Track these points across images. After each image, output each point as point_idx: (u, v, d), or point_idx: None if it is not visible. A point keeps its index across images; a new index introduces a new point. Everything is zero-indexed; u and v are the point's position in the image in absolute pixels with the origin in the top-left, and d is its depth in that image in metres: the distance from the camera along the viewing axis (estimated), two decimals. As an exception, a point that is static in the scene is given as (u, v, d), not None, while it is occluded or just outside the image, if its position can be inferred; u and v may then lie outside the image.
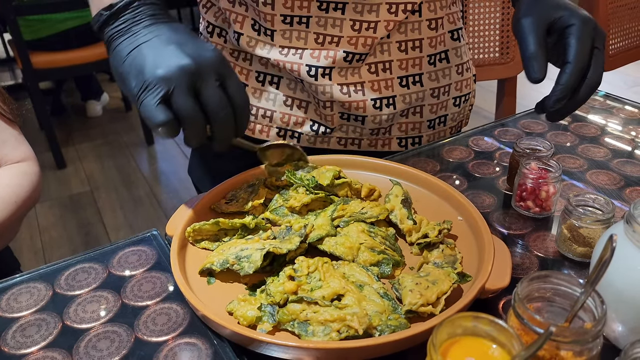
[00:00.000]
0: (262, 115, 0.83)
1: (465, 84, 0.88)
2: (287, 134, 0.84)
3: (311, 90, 0.79)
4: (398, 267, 0.60)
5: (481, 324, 0.40)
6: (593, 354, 0.40)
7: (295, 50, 0.77)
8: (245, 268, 0.56)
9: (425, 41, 0.81)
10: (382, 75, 0.80)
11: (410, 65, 0.81)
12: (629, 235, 0.46)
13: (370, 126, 0.83)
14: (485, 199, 0.75)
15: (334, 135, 0.84)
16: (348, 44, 0.75)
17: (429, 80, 0.83)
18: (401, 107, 0.82)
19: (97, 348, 0.52)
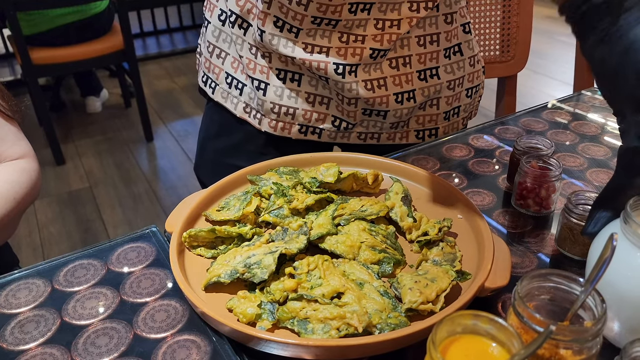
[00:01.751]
0: (284, 113, 0.83)
1: (476, 75, 0.90)
2: (309, 130, 0.85)
3: (337, 88, 0.79)
4: (399, 265, 0.60)
5: (481, 322, 0.40)
6: (592, 352, 0.40)
7: (320, 48, 0.77)
8: (258, 274, 0.55)
9: (442, 35, 0.82)
10: (402, 69, 0.81)
11: (428, 59, 0.82)
12: (626, 233, 0.45)
13: (392, 120, 0.84)
14: (486, 197, 0.75)
15: (355, 131, 0.85)
16: (373, 41, 0.76)
17: (445, 73, 0.85)
18: (420, 100, 0.84)
19: (96, 344, 0.52)
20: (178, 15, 4.38)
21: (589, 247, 0.59)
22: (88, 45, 2.55)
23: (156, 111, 3.20)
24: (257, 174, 0.73)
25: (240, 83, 0.86)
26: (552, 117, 0.96)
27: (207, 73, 0.91)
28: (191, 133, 2.93)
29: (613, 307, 0.46)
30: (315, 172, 0.70)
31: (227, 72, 0.87)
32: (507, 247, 0.59)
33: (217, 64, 0.89)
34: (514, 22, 1.53)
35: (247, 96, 0.86)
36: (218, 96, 0.90)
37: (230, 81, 0.87)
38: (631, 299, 0.45)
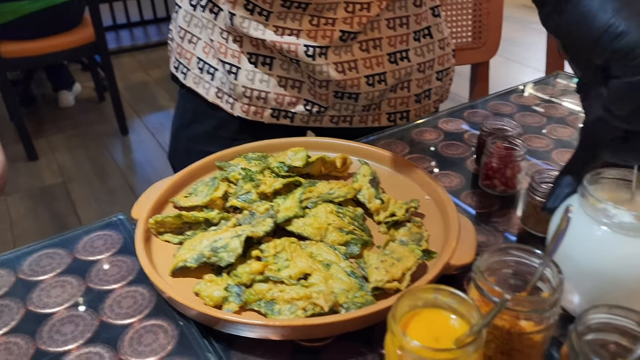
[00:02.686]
0: (256, 97, 0.83)
1: (446, 58, 0.91)
2: (282, 114, 0.84)
3: (308, 70, 0.79)
4: (367, 246, 0.60)
5: (442, 295, 0.40)
6: (551, 322, 0.41)
7: (290, 31, 0.76)
8: (224, 258, 0.55)
9: (411, 18, 0.83)
10: (373, 52, 0.81)
11: (398, 42, 0.83)
12: (584, 207, 0.46)
13: (363, 103, 0.84)
14: (454, 179, 0.75)
15: (327, 114, 0.85)
16: (343, 23, 0.76)
17: (415, 56, 0.85)
18: (391, 82, 0.84)
19: (61, 332, 0.52)
20: (152, 7, 4.32)
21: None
22: (58, 37, 2.50)
23: (130, 104, 3.16)
24: (225, 160, 0.72)
25: (212, 68, 0.86)
26: (520, 101, 0.97)
27: (179, 59, 0.91)
28: (166, 126, 2.90)
29: (573, 280, 0.47)
30: (284, 157, 0.69)
31: (198, 57, 0.87)
32: (473, 225, 0.60)
33: (188, 49, 0.88)
34: (484, 8, 1.54)
35: (219, 81, 0.85)
36: (190, 81, 0.89)
37: (202, 66, 0.87)
38: (590, 271, 0.46)
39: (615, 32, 0.39)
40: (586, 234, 0.46)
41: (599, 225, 0.46)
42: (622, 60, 0.39)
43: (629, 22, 0.39)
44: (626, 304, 0.39)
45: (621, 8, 0.40)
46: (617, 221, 0.44)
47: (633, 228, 0.44)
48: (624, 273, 0.44)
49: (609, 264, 0.45)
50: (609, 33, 0.40)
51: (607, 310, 0.39)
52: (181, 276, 0.56)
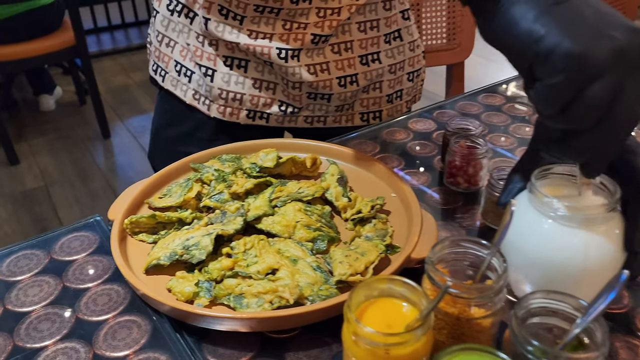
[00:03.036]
0: (232, 99, 0.85)
1: (417, 60, 0.94)
2: (257, 115, 0.87)
3: (281, 72, 0.82)
4: (333, 242, 0.63)
5: (395, 285, 0.43)
6: (497, 308, 0.44)
7: (264, 34, 0.79)
8: (196, 255, 0.57)
9: (381, 21, 0.86)
10: (344, 54, 0.84)
11: (369, 45, 0.86)
12: (532, 202, 0.50)
13: (336, 103, 0.87)
14: (421, 177, 0.78)
15: (301, 115, 0.88)
16: (315, 27, 0.79)
17: (386, 58, 0.88)
18: (363, 83, 0.87)
19: (38, 329, 0.54)
20: (133, 10, 4.31)
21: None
22: (38, 41, 2.50)
23: (112, 108, 3.16)
24: (200, 162, 0.74)
25: (188, 70, 0.88)
26: (488, 101, 1.01)
27: (157, 62, 0.93)
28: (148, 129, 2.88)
29: (523, 270, 0.51)
30: (255, 158, 0.72)
31: (175, 60, 0.89)
32: (435, 221, 0.63)
33: (166, 52, 0.91)
34: (458, 11, 1.58)
35: (196, 83, 0.88)
36: (168, 84, 0.92)
37: (179, 69, 0.89)
38: (538, 262, 0.49)
39: (536, 37, 0.42)
40: (534, 227, 0.49)
41: (546, 218, 0.49)
42: (542, 63, 0.42)
43: (548, 27, 0.42)
44: (571, 291, 0.43)
45: (541, 15, 0.43)
46: (561, 214, 0.48)
47: (575, 220, 0.47)
48: (569, 262, 0.48)
49: (555, 254, 0.48)
50: (530, 38, 0.43)
51: (545, 295, 0.42)
52: (155, 274, 0.58)
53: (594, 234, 0.47)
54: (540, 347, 0.38)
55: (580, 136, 0.44)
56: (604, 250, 0.47)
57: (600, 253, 0.47)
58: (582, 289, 0.47)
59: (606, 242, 0.47)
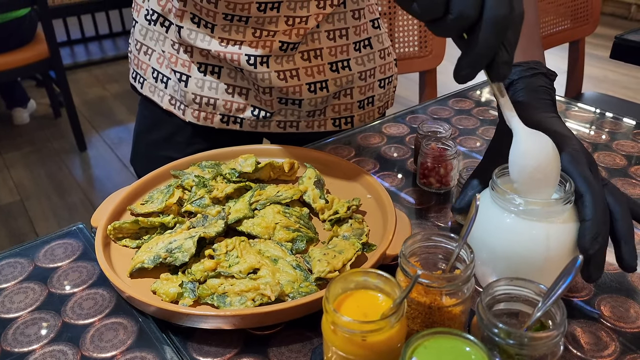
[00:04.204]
0: (205, 104, 0.88)
1: (388, 67, 0.97)
2: (231, 120, 0.89)
3: (251, 78, 0.84)
4: (312, 242, 0.65)
5: (370, 277, 0.46)
6: (466, 296, 0.47)
7: (234, 42, 0.82)
8: (179, 258, 0.59)
9: (350, 30, 0.89)
10: (314, 61, 0.87)
11: (338, 52, 0.88)
12: (494, 198, 0.53)
13: (307, 108, 0.89)
14: (395, 179, 0.82)
15: (274, 119, 0.90)
16: (283, 34, 0.82)
17: (356, 65, 0.91)
18: (333, 89, 0.89)
19: (25, 334, 0.55)
20: (107, 22, 4.30)
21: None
22: (10, 54, 2.48)
23: (88, 120, 3.14)
24: (180, 169, 0.76)
25: (165, 77, 0.91)
26: (458, 105, 1.05)
27: (136, 69, 0.96)
28: (125, 140, 2.90)
29: (490, 263, 0.54)
30: (234, 164, 0.74)
31: (153, 67, 0.92)
32: (408, 220, 0.66)
33: (144, 60, 0.93)
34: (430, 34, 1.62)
35: (172, 89, 0.91)
36: (146, 90, 0.95)
37: (157, 75, 0.92)
38: (503, 255, 0.52)
39: None
40: (497, 222, 0.53)
41: (508, 213, 0.52)
42: None
43: None
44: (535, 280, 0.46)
45: None
46: (522, 209, 0.51)
47: (536, 213, 0.51)
48: (532, 253, 0.51)
49: (519, 246, 0.51)
50: None
51: (509, 282, 0.45)
52: (139, 277, 0.60)
53: (553, 225, 0.50)
54: (505, 329, 0.41)
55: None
56: (564, 240, 0.51)
57: (561, 243, 0.50)
58: (545, 277, 0.50)
59: (565, 232, 0.51)
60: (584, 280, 0.52)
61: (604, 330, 0.55)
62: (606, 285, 0.61)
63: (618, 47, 1.52)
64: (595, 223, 0.50)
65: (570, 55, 1.98)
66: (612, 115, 1.00)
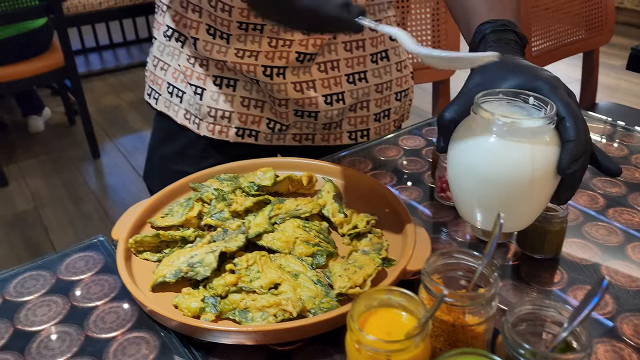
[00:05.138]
0: (220, 117, 0.89)
1: (404, 80, 0.97)
2: (246, 133, 0.90)
3: (267, 90, 0.85)
4: (332, 257, 0.65)
5: (394, 295, 0.46)
6: (489, 314, 0.47)
7: (250, 52, 0.82)
8: (201, 272, 0.60)
9: (367, 41, 0.89)
10: (330, 73, 0.87)
11: (355, 64, 0.89)
12: (477, 123, 0.52)
13: (323, 121, 0.90)
14: (413, 192, 0.82)
15: (289, 132, 0.91)
16: (299, 45, 0.82)
17: (373, 77, 0.91)
18: (350, 102, 0.90)
19: (49, 347, 0.55)
20: (121, 31, 4.35)
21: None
22: (27, 63, 2.51)
23: (102, 128, 3.17)
24: (199, 181, 0.77)
25: (180, 91, 0.92)
26: (474, 117, 1.04)
27: (152, 85, 0.97)
28: (139, 148, 2.92)
29: (475, 192, 0.53)
30: (253, 177, 0.75)
31: (168, 82, 0.93)
32: (428, 235, 0.66)
33: (160, 75, 0.94)
34: (443, 29, 1.63)
35: (187, 103, 0.91)
36: (161, 105, 0.95)
37: (172, 90, 0.93)
38: (489, 180, 0.52)
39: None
40: (482, 146, 0.52)
41: (491, 135, 0.51)
42: None
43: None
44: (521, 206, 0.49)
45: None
46: (506, 129, 0.50)
47: (520, 133, 0.50)
48: (518, 174, 0.50)
49: (504, 169, 0.50)
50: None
51: (534, 302, 0.45)
52: (160, 291, 0.60)
53: (538, 145, 0.50)
54: (531, 350, 0.41)
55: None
56: (549, 161, 0.50)
57: (546, 163, 0.50)
58: (531, 201, 0.51)
59: (550, 151, 0.50)
60: (552, 203, 0.54)
61: (628, 348, 0.54)
62: (628, 303, 0.60)
63: (635, 58, 1.51)
64: (578, 143, 0.51)
65: (585, 65, 1.97)
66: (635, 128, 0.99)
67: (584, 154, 0.51)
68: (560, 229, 0.64)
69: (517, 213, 0.53)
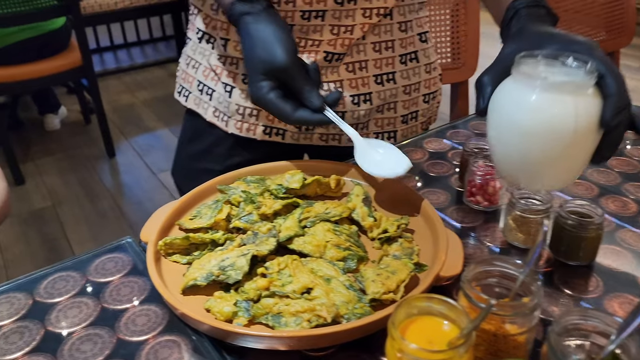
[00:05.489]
0: (249, 114, 0.88)
1: (433, 82, 0.96)
2: (273, 132, 0.89)
3: None
4: (362, 261, 0.65)
5: (434, 303, 0.45)
6: (532, 324, 0.46)
7: None
8: (232, 276, 0.59)
9: (396, 42, 0.88)
10: (359, 73, 0.87)
11: (384, 64, 0.88)
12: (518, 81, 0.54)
13: (350, 121, 0.89)
14: (440, 196, 0.81)
15: (316, 131, 0.90)
16: (328, 45, 0.82)
17: (401, 78, 0.90)
18: (377, 103, 0.89)
19: (81, 350, 0.55)
20: (135, 30, 4.37)
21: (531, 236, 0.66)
22: (45, 62, 2.53)
23: (117, 127, 3.18)
24: (226, 183, 0.77)
25: (210, 89, 0.92)
26: (499, 120, 1.03)
27: (182, 84, 0.98)
28: (154, 147, 2.93)
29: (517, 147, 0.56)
30: (281, 179, 0.74)
31: (199, 80, 0.94)
32: (460, 240, 0.65)
33: (191, 73, 0.95)
34: (462, 30, 1.61)
35: (216, 101, 0.92)
36: (191, 103, 0.96)
37: (202, 88, 0.94)
38: (532, 131, 0.53)
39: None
40: (525, 101, 0.53)
41: (534, 89, 0.53)
42: None
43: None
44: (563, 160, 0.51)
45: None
46: (550, 82, 0.52)
47: (564, 87, 0.52)
48: (561, 127, 0.52)
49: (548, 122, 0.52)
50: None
51: (581, 313, 0.44)
52: (191, 294, 0.60)
53: (581, 98, 0.52)
54: (579, 362, 0.40)
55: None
56: (591, 113, 0.52)
57: (589, 116, 0.52)
58: (573, 156, 0.53)
59: (592, 105, 0.52)
60: (594, 163, 0.56)
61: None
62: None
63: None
64: (620, 97, 0.53)
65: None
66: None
67: (625, 108, 0.53)
68: (596, 235, 0.62)
69: (559, 169, 0.55)
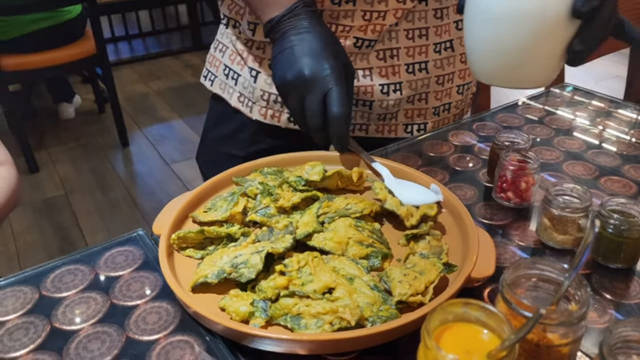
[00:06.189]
0: (273, 101, 0.86)
1: (468, 72, 0.92)
2: None
3: None
4: (386, 259, 0.61)
5: (471, 309, 0.41)
6: (578, 335, 0.42)
7: None
8: (245, 274, 0.55)
9: (431, 30, 0.84)
10: (389, 61, 0.83)
11: (417, 53, 0.84)
12: None
13: (378, 111, 0.85)
14: (467, 192, 0.76)
15: None
16: (358, 30, 0.78)
17: (435, 68, 0.86)
18: (407, 93, 0.85)
19: (88, 349, 0.52)
20: (150, 19, 4.34)
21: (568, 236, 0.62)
22: (60, 51, 2.51)
23: (131, 116, 3.17)
24: (242, 175, 0.73)
25: (235, 74, 0.90)
26: (526, 113, 0.99)
27: (209, 68, 0.96)
28: (167, 137, 2.91)
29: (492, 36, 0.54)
30: (300, 171, 0.70)
31: (225, 64, 0.92)
32: (491, 239, 0.61)
33: (218, 57, 0.94)
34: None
35: (241, 86, 0.89)
36: (216, 87, 0.94)
37: (227, 72, 0.91)
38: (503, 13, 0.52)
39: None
40: None
41: None
42: None
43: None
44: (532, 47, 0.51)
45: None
46: None
47: None
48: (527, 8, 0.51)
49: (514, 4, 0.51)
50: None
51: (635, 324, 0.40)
52: (202, 292, 0.56)
53: None
54: (636, 379, 0.36)
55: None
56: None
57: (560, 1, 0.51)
58: (546, 43, 0.52)
59: None
60: (569, 63, 0.55)
61: None
62: None
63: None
64: None
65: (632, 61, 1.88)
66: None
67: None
68: (639, 237, 0.58)
69: (533, 62, 0.54)
